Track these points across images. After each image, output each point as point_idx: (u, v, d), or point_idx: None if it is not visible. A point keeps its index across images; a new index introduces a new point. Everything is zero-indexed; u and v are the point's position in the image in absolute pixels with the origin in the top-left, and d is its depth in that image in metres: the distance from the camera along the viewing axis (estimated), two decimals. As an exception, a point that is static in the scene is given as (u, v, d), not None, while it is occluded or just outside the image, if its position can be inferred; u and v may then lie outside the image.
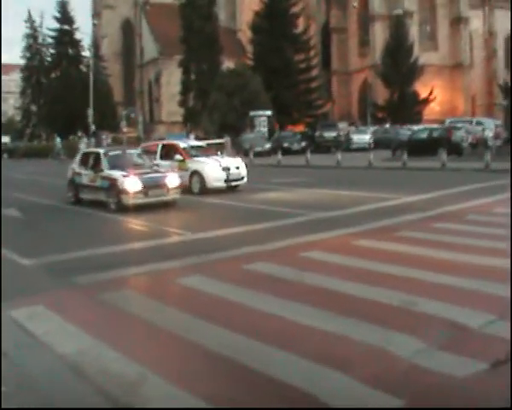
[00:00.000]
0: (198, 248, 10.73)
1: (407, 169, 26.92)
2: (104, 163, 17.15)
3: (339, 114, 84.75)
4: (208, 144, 25.12)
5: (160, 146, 22.00)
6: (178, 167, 20.01)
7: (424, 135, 35.91)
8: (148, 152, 21.61)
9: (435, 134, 35.06)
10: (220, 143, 40.05)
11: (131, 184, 15.91)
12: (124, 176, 16.16)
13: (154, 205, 16.07)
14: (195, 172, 19.91)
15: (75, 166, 18.83)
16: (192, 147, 21.79)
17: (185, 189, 19.38)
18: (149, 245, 11.23)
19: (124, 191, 15.85)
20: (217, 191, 19.51)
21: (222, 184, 19.88)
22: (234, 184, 20.27)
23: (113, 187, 16.22)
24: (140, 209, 15.70)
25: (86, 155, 18.90)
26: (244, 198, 18.20)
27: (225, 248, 10.55)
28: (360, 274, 8.33)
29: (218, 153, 22.62)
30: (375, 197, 16.90)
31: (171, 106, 78.80)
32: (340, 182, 23.09)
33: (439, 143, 31.07)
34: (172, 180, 16.67)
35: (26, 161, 53.23)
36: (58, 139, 55.87)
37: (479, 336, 5.97)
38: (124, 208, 15.83)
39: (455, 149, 30.40)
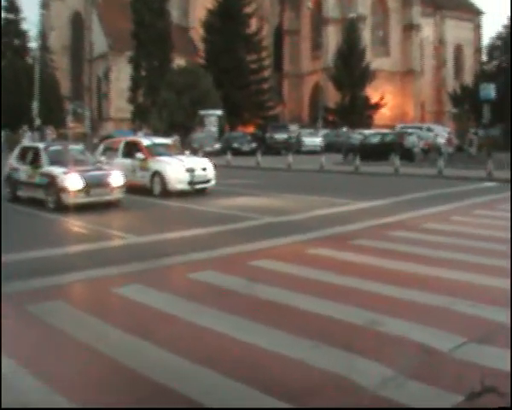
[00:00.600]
0: (140, 253, 9.94)
1: (359, 174, 26.44)
2: (44, 159, 16.08)
3: (289, 116, 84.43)
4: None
5: (122, 143, 20.66)
6: (140, 167, 18.94)
7: (376, 140, 35.74)
8: (111, 149, 20.62)
9: (387, 139, 34.90)
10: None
11: (72, 181, 14.88)
12: (64, 173, 15.14)
13: (96, 205, 15.10)
14: (157, 173, 18.44)
15: (13, 161, 17.69)
16: (156, 145, 20.28)
17: (146, 190, 18.44)
18: (87, 249, 10.35)
19: (64, 189, 14.83)
20: (180, 194, 18.03)
21: (185, 187, 18.34)
22: (199, 187, 18.77)
23: (52, 184, 15.18)
24: (81, 209, 14.70)
25: (25, 150, 17.76)
26: (203, 201, 17.08)
27: (170, 253, 9.79)
28: (317, 287, 7.65)
29: (186, 152, 21.33)
30: (329, 202, 16.30)
31: (119, 102, 77.10)
32: (291, 185, 22.47)
33: (390, 148, 30.91)
34: (116, 178, 15.70)
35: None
36: (1, 133, 53.75)
37: (450, 361, 5.37)
38: (63, 208, 14.80)
39: (407, 155, 30.14)
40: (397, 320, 6.29)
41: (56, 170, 15.40)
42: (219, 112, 48.61)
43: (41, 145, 17.17)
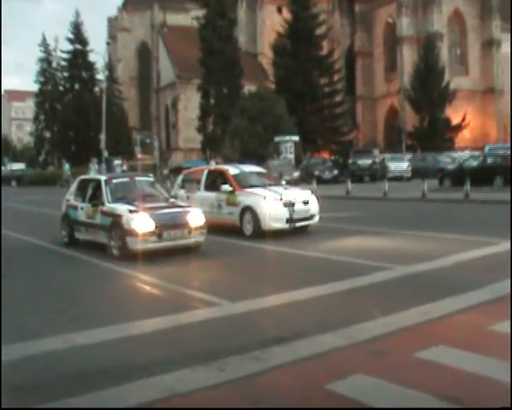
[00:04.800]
0: (244, 334, 6.60)
1: (471, 202, 22.37)
2: (106, 194, 12.92)
3: (363, 141, 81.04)
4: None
5: (205, 173, 17.10)
6: (227, 201, 15.49)
7: (475, 163, 31.70)
8: (192, 180, 17.34)
9: (489, 161, 30.83)
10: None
11: (141, 222, 11.65)
12: (131, 211, 11.95)
13: (170, 251, 11.88)
14: (247, 209, 14.85)
15: (70, 196, 14.62)
16: (246, 173, 16.62)
17: (235, 230, 15.02)
18: (161, 327, 6.98)
19: (130, 232, 11.61)
20: (276, 234, 14.37)
21: (283, 225, 14.70)
22: (300, 224, 15.06)
23: (116, 226, 12.03)
24: (151, 257, 11.46)
25: (84, 183, 14.58)
26: (306, 244, 13.44)
27: (288, 338, 6.34)
28: None
29: (283, 182, 17.74)
30: (464, 241, 12.62)
31: (188, 132, 75.18)
32: (400, 218, 18.80)
33: (495, 172, 27.21)
34: (196, 217, 12.41)
35: (34, 189, 49.46)
36: (67, 166, 51.68)
37: None
38: (130, 255, 11.61)
39: (515, 178, 26.12)
40: None
41: (121, 208, 12.24)
42: (296, 138, 45.20)
43: (102, 177, 13.92)
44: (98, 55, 75.90)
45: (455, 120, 68.98)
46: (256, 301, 8.02)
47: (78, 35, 79.82)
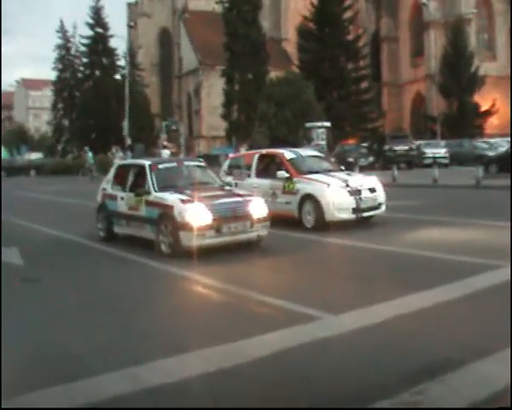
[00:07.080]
0: (373, 363, 4.90)
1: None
2: (151, 181, 11.20)
3: (389, 127, 78.84)
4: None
5: (256, 157, 15.36)
6: (283, 189, 13.83)
7: (520, 148, 29.96)
8: (240, 166, 15.73)
9: (539, 146, 29.06)
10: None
11: (196, 214, 9.96)
12: (183, 201, 10.25)
13: (228, 247, 10.19)
14: (308, 197, 13.20)
15: (107, 185, 12.94)
16: (303, 158, 15.02)
17: (292, 221, 13.33)
18: (256, 354, 5.23)
19: (184, 226, 9.90)
20: (341, 226, 12.71)
21: (349, 216, 13.05)
22: (367, 214, 13.43)
23: (165, 219, 10.33)
24: (209, 255, 9.75)
25: (124, 170, 12.88)
26: (378, 237, 11.69)
27: (435, 365, 4.65)
28: None
29: (342, 168, 16.03)
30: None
31: (211, 120, 73.56)
32: (470, 207, 16.93)
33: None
34: (258, 208, 10.71)
35: (54, 179, 47.90)
36: (90, 154, 49.64)
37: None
38: (183, 253, 9.93)
39: None
40: None
41: (171, 197, 10.52)
42: (328, 124, 43.38)
43: (146, 162, 12.02)
44: (120, 38, 74.32)
45: (483, 107, 66.95)
46: (364, 311, 6.32)
47: (98, 20, 78.00)
